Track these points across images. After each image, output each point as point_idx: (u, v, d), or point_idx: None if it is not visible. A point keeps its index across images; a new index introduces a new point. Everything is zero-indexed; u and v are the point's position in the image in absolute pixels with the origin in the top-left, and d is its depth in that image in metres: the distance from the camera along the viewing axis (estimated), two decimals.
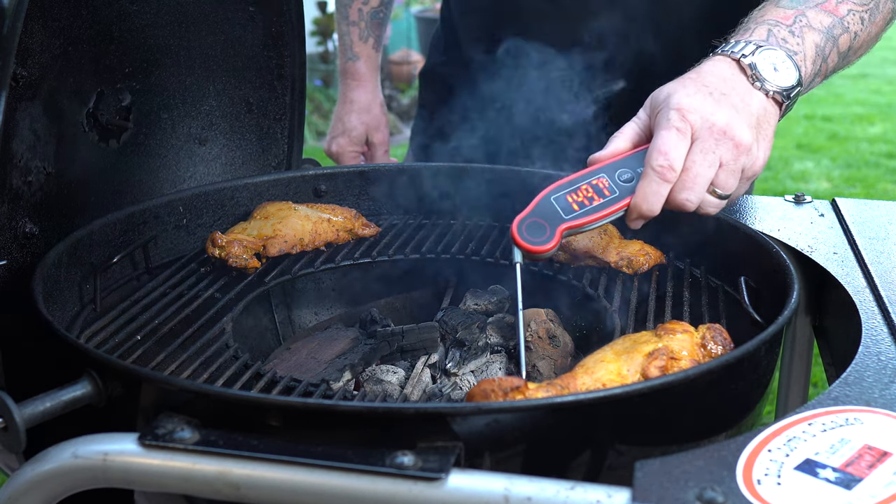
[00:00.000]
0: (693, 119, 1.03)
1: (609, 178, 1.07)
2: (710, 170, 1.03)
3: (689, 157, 1.03)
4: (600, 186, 1.07)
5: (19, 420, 0.82)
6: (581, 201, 1.06)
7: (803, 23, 1.14)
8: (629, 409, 0.87)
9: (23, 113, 1.13)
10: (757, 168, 1.07)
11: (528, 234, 1.05)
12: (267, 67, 1.58)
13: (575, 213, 1.06)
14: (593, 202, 1.06)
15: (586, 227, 1.07)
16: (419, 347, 1.21)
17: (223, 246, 1.27)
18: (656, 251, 1.29)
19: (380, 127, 1.87)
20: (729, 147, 1.04)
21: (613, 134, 1.11)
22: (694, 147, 1.03)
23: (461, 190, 1.48)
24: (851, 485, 0.76)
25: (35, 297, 1.02)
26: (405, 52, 7.25)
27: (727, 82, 1.07)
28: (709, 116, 1.03)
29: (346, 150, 1.87)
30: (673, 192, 1.04)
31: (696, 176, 1.03)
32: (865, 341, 1.01)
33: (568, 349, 1.20)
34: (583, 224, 1.06)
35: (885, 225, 1.38)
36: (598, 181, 1.07)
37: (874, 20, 1.21)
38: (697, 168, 1.03)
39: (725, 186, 1.05)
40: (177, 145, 1.50)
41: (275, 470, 0.80)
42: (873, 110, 7.60)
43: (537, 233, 1.04)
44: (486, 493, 0.76)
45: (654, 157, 1.03)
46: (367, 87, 1.89)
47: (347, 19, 1.89)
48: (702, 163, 1.03)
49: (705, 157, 1.03)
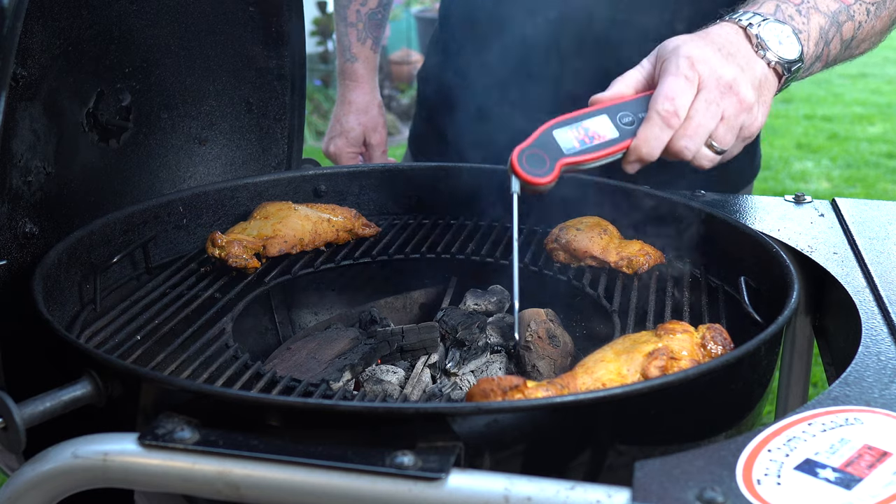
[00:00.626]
0: (702, 69, 1.04)
1: (610, 118, 1.08)
2: (711, 121, 1.04)
3: (693, 105, 1.04)
4: (601, 126, 1.07)
5: (19, 420, 0.82)
6: (582, 139, 1.07)
7: (811, 4, 1.15)
8: (629, 409, 0.87)
9: (23, 113, 1.13)
10: (754, 128, 1.08)
11: (528, 164, 1.05)
12: (267, 67, 1.58)
13: (575, 150, 1.06)
14: (594, 140, 1.07)
15: (585, 165, 1.08)
16: (419, 347, 1.21)
17: (223, 246, 1.27)
18: (656, 251, 1.29)
19: (377, 128, 1.87)
20: (733, 102, 1.04)
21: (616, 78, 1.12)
22: (699, 96, 1.04)
23: (461, 190, 1.48)
24: (851, 485, 0.76)
25: (35, 297, 1.02)
26: (405, 51, 7.24)
27: (734, 44, 1.08)
28: (717, 69, 1.04)
29: (343, 151, 1.87)
30: (673, 139, 1.05)
31: (698, 125, 1.04)
32: (865, 341, 1.01)
33: (568, 349, 1.20)
34: (582, 161, 1.07)
35: (885, 225, 1.38)
36: (601, 120, 1.08)
37: (880, 14, 1.22)
38: (700, 118, 1.03)
39: (723, 141, 1.06)
40: (177, 145, 1.50)
41: (275, 470, 0.80)
42: (873, 110, 7.60)
43: (537, 164, 1.04)
44: (486, 493, 0.76)
45: (661, 101, 1.04)
46: (365, 89, 1.89)
47: (346, 20, 1.89)
48: (705, 113, 1.03)
49: (709, 107, 1.04)
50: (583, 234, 1.29)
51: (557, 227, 1.34)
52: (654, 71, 1.11)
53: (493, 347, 1.23)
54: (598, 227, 1.32)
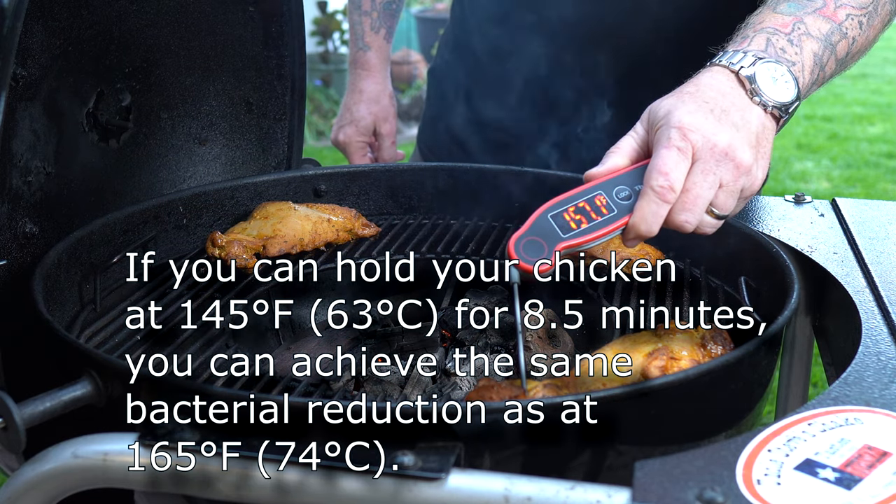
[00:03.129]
0: (695, 139, 1.00)
1: (607, 195, 1.04)
2: (709, 191, 1.01)
3: (689, 178, 1.01)
4: (598, 204, 1.04)
5: (19, 420, 0.82)
6: (579, 220, 1.03)
7: (801, 31, 1.12)
8: (629, 408, 0.87)
9: (23, 113, 1.13)
10: (755, 188, 1.05)
11: (526, 252, 1.01)
12: (267, 67, 1.58)
13: (573, 232, 1.03)
14: (592, 220, 1.03)
15: (584, 247, 1.04)
16: (419, 347, 1.21)
17: (223, 246, 1.27)
18: (656, 251, 1.29)
19: (388, 118, 1.85)
20: (730, 168, 1.01)
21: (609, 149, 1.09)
22: (694, 168, 1.01)
23: (462, 189, 1.48)
24: (851, 485, 0.76)
25: (35, 297, 1.02)
26: (405, 51, 7.24)
27: (726, 97, 1.05)
28: (710, 136, 1.01)
29: (353, 140, 1.84)
30: (672, 213, 1.02)
31: (696, 197, 1.01)
32: (865, 341, 1.01)
33: (568, 349, 1.20)
34: (581, 243, 1.03)
35: (885, 225, 1.38)
36: (597, 199, 1.04)
37: (872, 24, 1.19)
38: (698, 189, 1.00)
39: (724, 207, 1.03)
40: (177, 145, 1.50)
41: (275, 470, 0.80)
42: (873, 110, 7.60)
43: (534, 252, 1.01)
44: (486, 493, 0.76)
45: (655, 176, 1.00)
46: (377, 78, 1.86)
47: (360, 9, 1.86)
48: (702, 184, 1.00)
49: (706, 178, 1.00)
50: None
51: None
52: (647, 136, 1.07)
53: (493, 347, 1.23)
54: None
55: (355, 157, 1.84)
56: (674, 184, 0.99)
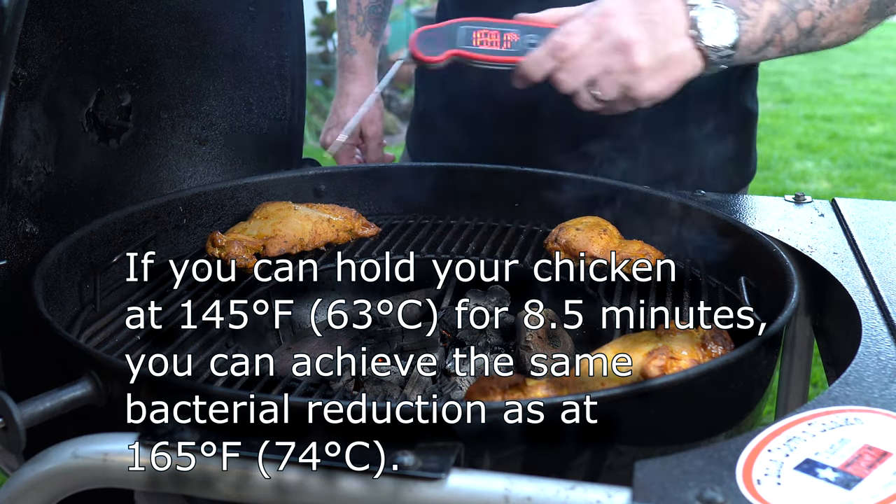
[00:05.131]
0: (608, 22, 1.12)
1: (520, 35, 1.17)
2: (595, 68, 1.13)
3: (583, 48, 1.13)
4: (506, 38, 1.17)
5: (19, 420, 0.82)
6: (482, 41, 1.17)
7: None
8: (629, 408, 0.87)
9: (23, 113, 1.13)
10: (639, 93, 1.14)
11: (423, 42, 1.19)
12: (267, 67, 1.58)
13: (469, 46, 1.17)
14: (491, 46, 1.17)
15: (473, 62, 1.18)
16: (419, 347, 1.21)
17: (223, 246, 1.27)
18: (656, 251, 1.29)
19: (374, 120, 1.87)
20: (621, 60, 1.12)
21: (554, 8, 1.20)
22: (593, 44, 1.13)
23: (461, 190, 1.48)
24: (851, 485, 0.76)
25: (35, 297, 1.02)
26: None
27: (666, 15, 1.14)
28: (621, 28, 1.12)
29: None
30: (556, 70, 1.14)
31: (580, 66, 1.13)
32: (865, 341, 1.01)
33: (568, 349, 1.20)
34: (470, 57, 1.18)
35: (885, 225, 1.38)
36: (508, 34, 1.17)
37: (846, 6, 1.24)
38: (584, 60, 1.13)
39: (604, 92, 1.14)
40: (177, 145, 1.50)
41: (275, 470, 0.80)
42: (873, 110, 7.60)
43: (430, 45, 1.18)
44: (486, 493, 0.76)
45: (558, 34, 1.14)
46: (364, 81, 1.89)
47: (346, 13, 1.89)
48: (590, 58, 1.12)
49: (596, 56, 1.12)
50: (582, 234, 1.29)
51: (557, 227, 1.34)
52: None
53: (493, 347, 1.23)
54: (598, 227, 1.32)
55: (342, 158, 1.86)
56: (569, 45, 1.13)
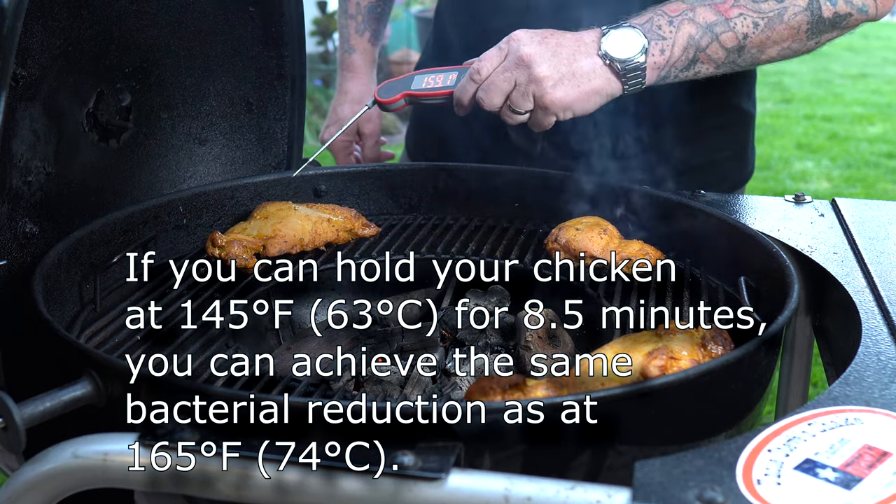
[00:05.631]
0: (512, 46, 1.30)
1: (459, 74, 1.38)
2: (504, 84, 1.30)
3: (494, 70, 1.31)
4: (448, 77, 1.39)
5: (19, 420, 0.82)
6: (429, 82, 1.39)
7: (688, 17, 1.33)
8: (629, 408, 0.87)
9: (23, 113, 1.13)
10: (547, 100, 1.29)
11: (383, 89, 1.42)
12: (267, 67, 1.58)
13: (419, 87, 1.39)
14: (436, 85, 1.39)
15: (420, 99, 1.40)
16: (419, 347, 1.21)
17: (223, 246, 1.27)
18: (656, 251, 1.29)
19: (371, 118, 1.90)
20: (525, 73, 1.28)
21: None
22: (501, 64, 1.31)
23: (461, 190, 1.48)
24: (851, 485, 0.76)
25: (35, 297, 1.02)
26: (405, 51, 7.24)
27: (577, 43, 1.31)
28: (522, 47, 1.29)
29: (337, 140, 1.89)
30: (476, 91, 1.33)
31: (491, 84, 1.31)
32: (865, 341, 1.01)
33: (568, 349, 1.20)
34: (417, 95, 1.40)
35: (885, 225, 1.38)
36: (451, 75, 1.39)
37: (774, 27, 1.34)
38: (494, 78, 1.31)
39: (517, 104, 1.30)
40: (177, 145, 1.50)
41: (275, 470, 0.80)
42: (873, 110, 7.60)
43: (389, 91, 1.41)
44: (486, 493, 0.76)
45: (475, 63, 1.33)
46: (362, 80, 1.92)
47: (346, 13, 1.93)
48: (500, 77, 1.30)
49: (504, 73, 1.30)
50: (582, 234, 1.29)
51: (557, 227, 1.34)
52: None
53: (493, 347, 1.23)
54: (598, 227, 1.32)
55: (340, 155, 1.89)
56: (481, 69, 1.32)
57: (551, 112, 1.31)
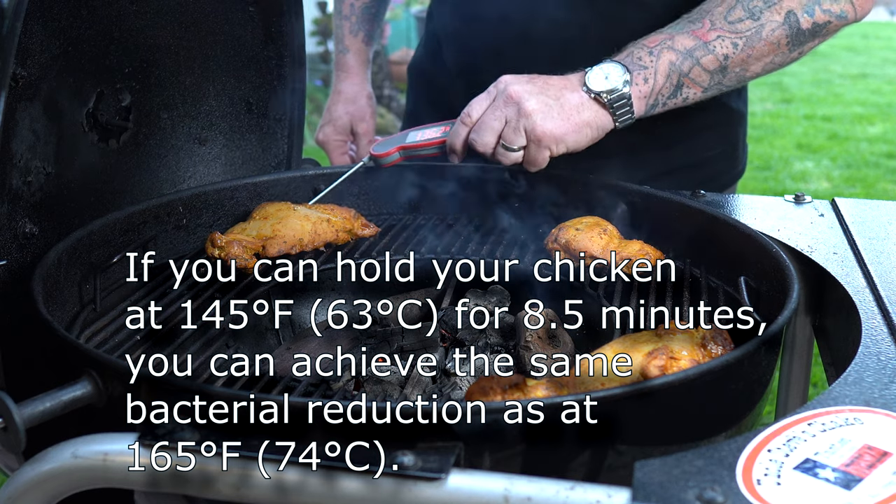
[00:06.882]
0: (500, 87, 1.34)
1: (451, 125, 1.41)
2: (496, 122, 1.33)
3: (484, 111, 1.35)
4: (441, 128, 1.44)
5: (19, 420, 0.82)
6: (421, 135, 1.44)
7: (667, 45, 1.36)
8: (629, 408, 0.87)
9: (23, 113, 1.13)
10: (538, 132, 1.31)
11: (379, 145, 1.46)
12: (267, 67, 1.58)
13: (412, 140, 1.44)
14: (427, 137, 1.43)
15: (415, 151, 1.44)
16: (419, 347, 1.21)
17: (223, 246, 1.27)
18: (656, 251, 1.29)
19: (365, 118, 1.91)
20: (514, 110, 1.32)
21: None
22: (489, 106, 1.34)
23: (461, 190, 1.48)
24: (851, 485, 0.76)
25: (35, 297, 1.02)
26: (405, 51, 7.24)
27: (563, 82, 1.35)
28: (508, 87, 1.33)
29: (331, 139, 1.91)
30: (469, 135, 1.36)
31: (482, 124, 1.34)
32: (865, 341, 1.01)
33: (568, 349, 1.20)
34: (411, 147, 1.44)
35: (885, 225, 1.38)
36: (444, 127, 1.43)
37: (754, 45, 1.37)
38: (486, 119, 1.34)
39: (510, 140, 1.33)
40: (177, 145, 1.50)
41: (275, 470, 0.80)
42: (873, 110, 7.60)
43: (384, 146, 1.45)
44: (486, 493, 0.76)
45: (465, 108, 1.37)
46: (355, 80, 1.93)
47: (341, 13, 1.94)
48: (490, 116, 1.34)
49: (494, 112, 1.33)
50: (582, 234, 1.29)
51: (557, 227, 1.34)
52: None
53: (493, 347, 1.23)
54: (598, 227, 1.32)
55: (334, 155, 1.90)
56: (472, 113, 1.36)
57: (544, 144, 1.33)
